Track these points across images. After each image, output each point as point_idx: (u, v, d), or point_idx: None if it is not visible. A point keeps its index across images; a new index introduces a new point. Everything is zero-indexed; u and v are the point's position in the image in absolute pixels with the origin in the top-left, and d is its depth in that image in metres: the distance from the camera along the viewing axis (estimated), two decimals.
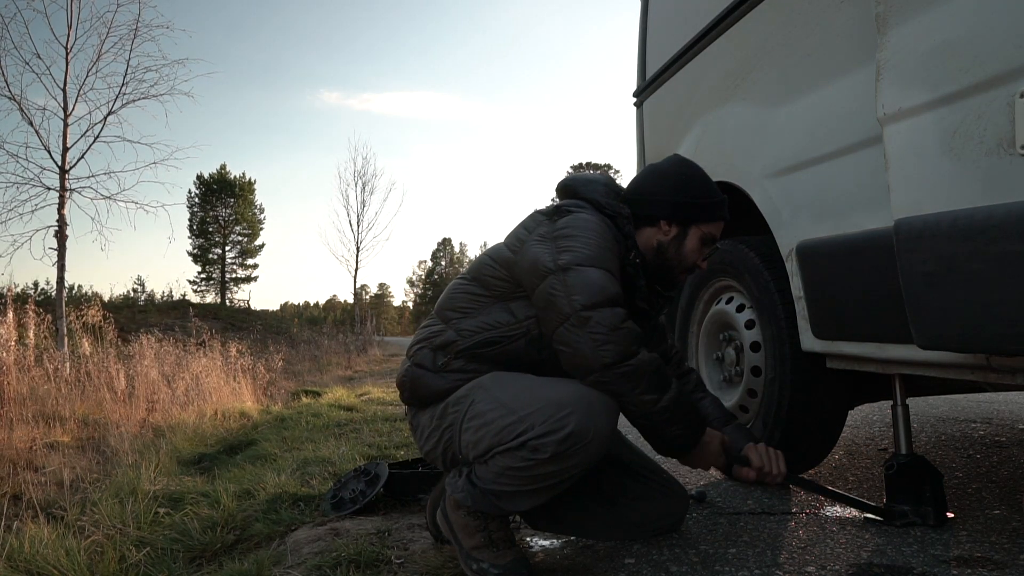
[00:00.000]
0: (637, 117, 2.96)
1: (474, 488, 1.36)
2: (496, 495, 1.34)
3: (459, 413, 1.40)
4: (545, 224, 1.43)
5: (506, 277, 1.44)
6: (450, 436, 1.42)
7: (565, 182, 1.59)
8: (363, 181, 22.43)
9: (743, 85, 2.03)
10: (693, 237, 1.53)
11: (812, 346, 1.70)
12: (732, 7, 2.06)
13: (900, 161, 1.24)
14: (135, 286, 34.93)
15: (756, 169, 1.90)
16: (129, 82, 8.42)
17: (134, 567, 1.90)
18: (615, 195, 1.54)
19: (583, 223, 1.41)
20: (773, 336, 1.87)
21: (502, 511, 1.37)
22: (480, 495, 1.35)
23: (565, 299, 1.32)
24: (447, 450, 1.44)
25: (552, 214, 1.46)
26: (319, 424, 4.33)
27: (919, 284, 1.18)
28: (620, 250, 1.45)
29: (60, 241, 7.83)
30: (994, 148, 1.06)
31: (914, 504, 1.56)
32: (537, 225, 1.45)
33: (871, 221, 1.46)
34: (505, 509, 1.37)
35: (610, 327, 1.30)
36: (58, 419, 4.69)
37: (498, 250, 1.49)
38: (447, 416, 1.43)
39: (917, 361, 1.41)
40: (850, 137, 1.53)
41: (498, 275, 1.45)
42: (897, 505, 1.58)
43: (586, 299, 1.31)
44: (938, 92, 1.16)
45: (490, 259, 1.48)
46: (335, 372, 11.52)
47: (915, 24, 1.22)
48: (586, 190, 1.53)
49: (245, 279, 41.48)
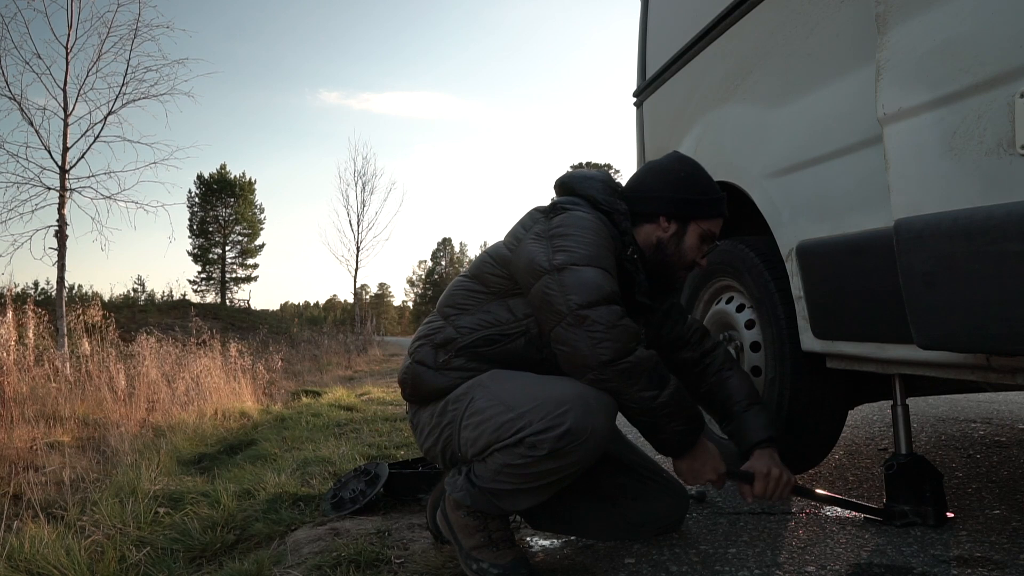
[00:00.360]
0: (637, 117, 2.96)
1: (473, 487, 1.36)
2: (495, 494, 1.34)
3: (459, 410, 1.40)
4: (541, 222, 1.44)
5: (504, 275, 1.44)
6: (449, 434, 1.42)
7: (563, 179, 1.59)
8: (363, 181, 22.40)
9: (743, 85, 2.03)
10: (692, 234, 1.54)
11: (812, 346, 1.70)
12: (731, 7, 2.06)
13: (900, 161, 1.24)
14: (135, 286, 34.82)
15: (756, 169, 1.90)
16: (129, 82, 8.44)
17: (134, 567, 1.90)
18: (612, 192, 1.54)
19: (578, 221, 1.40)
20: (773, 336, 1.87)
21: (501, 510, 1.37)
22: (479, 494, 1.36)
23: (561, 298, 1.32)
24: (447, 448, 1.44)
25: (548, 212, 1.46)
26: (319, 424, 4.33)
27: (919, 284, 1.18)
28: (617, 246, 1.45)
29: (60, 241, 7.84)
30: (994, 148, 1.06)
31: (914, 504, 1.56)
32: (534, 223, 1.45)
33: (871, 221, 1.46)
34: (504, 508, 1.37)
35: (607, 324, 1.30)
36: (58, 419, 4.69)
37: (497, 248, 1.49)
38: (447, 413, 1.43)
39: (917, 361, 1.41)
40: (850, 137, 1.52)
41: (496, 272, 1.45)
42: (897, 505, 1.58)
43: (582, 298, 1.31)
44: (938, 92, 1.16)
45: (489, 257, 1.48)
46: (335, 372, 11.51)
47: (915, 24, 1.22)
48: (583, 187, 1.53)
49: (245, 279, 41.50)
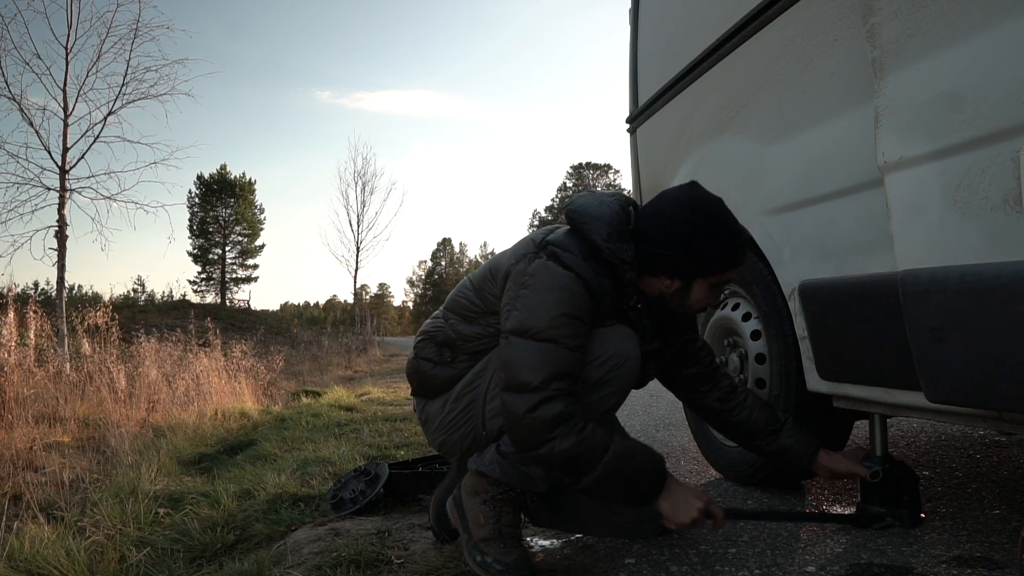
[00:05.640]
0: (631, 143, 2.89)
1: (504, 458, 1.36)
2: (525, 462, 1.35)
3: (480, 387, 1.42)
4: (523, 261, 1.38)
5: (498, 295, 1.44)
6: (471, 415, 1.43)
7: (572, 208, 1.43)
8: (363, 181, 22.45)
9: (737, 118, 1.99)
10: (699, 288, 1.43)
11: (818, 387, 1.66)
12: (725, 38, 2.02)
13: (903, 212, 1.20)
14: (135, 286, 34.88)
15: (755, 205, 1.85)
16: (129, 82, 8.43)
17: (134, 567, 1.90)
18: (620, 235, 1.38)
19: (550, 280, 1.32)
20: (780, 352, 1.83)
21: (529, 482, 1.37)
22: (508, 466, 1.36)
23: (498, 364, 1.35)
24: (466, 435, 1.45)
25: (534, 252, 1.39)
26: (319, 424, 4.33)
27: (927, 339, 1.15)
28: (617, 297, 1.40)
29: (60, 241, 7.84)
30: (1000, 204, 1.02)
31: (891, 507, 1.57)
32: (519, 259, 1.40)
33: (875, 264, 1.42)
34: (533, 479, 1.37)
35: (515, 416, 1.27)
36: (58, 419, 4.69)
37: (497, 264, 1.47)
38: (464, 397, 1.44)
39: (927, 408, 1.38)
40: (852, 178, 1.48)
41: (493, 292, 1.45)
42: (873, 508, 1.58)
43: (506, 376, 1.30)
44: (939, 143, 1.12)
45: (489, 273, 1.47)
46: (335, 372, 11.52)
47: (913, 72, 1.18)
48: (588, 228, 1.38)
49: (245, 279, 41.50)
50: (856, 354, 1.51)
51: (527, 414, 1.26)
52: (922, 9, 1.16)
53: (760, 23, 1.83)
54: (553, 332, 1.29)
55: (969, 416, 1.32)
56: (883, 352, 1.41)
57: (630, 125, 2.88)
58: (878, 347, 1.42)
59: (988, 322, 1.05)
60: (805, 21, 1.65)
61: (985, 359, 1.07)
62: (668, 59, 2.47)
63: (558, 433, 1.26)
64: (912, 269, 1.17)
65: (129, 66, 8.43)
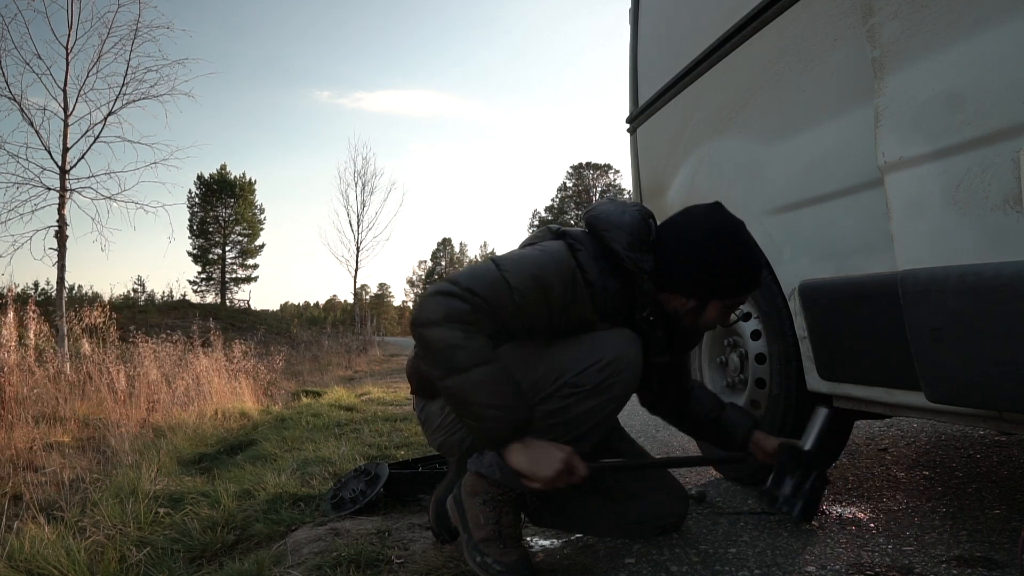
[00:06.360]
0: (631, 143, 2.89)
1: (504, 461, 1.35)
2: None
3: None
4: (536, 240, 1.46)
5: None
6: None
7: (594, 215, 1.44)
8: (363, 181, 22.53)
9: (738, 118, 1.99)
10: (713, 308, 1.44)
11: (818, 387, 1.66)
12: (725, 38, 2.01)
13: (903, 212, 1.20)
14: (135, 286, 34.88)
15: (755, 205, 1.85)
16: (129, 82, 8.46)
17: (134, 567, 1.90)
18: (641, 245, 1.39)
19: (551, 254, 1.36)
20: (780, 352, 1.83)
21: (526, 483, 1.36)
22: (509, 468, 1.32)
23: None
24: (466, 436, 1.45)
25: (553, 236, 1.46)
26: (319, 424, 4.34)
27: (927, 339, 1.15)
28: (624, 307, 1.40)
29: (60, 241, 7.84)
30: (1000, 204, 1.02)
31: (791, 493, 1.60)
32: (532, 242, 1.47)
33: (875, 264, 1.42)
34: None
35: (428, 294, 1.28)
36: (58, 419, 4.69)
37: None
38: None
39: (928, 408, 1.38)
40: (851, 178, 1.49)
41: None
42: (776, 490, 1.62)
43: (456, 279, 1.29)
44: (939, 143, 1.12)
45: None
46: (335, 372, 11.53)
47: (913, 72, 1.18)
48: (609, 236, 1.39)
49: (245, 279, 41.53)
50: (856, 354, 1.51)
51: (437, 295, 1.26)
52: (922, 9, 1.16)
53: (760, 23, 1.83)
54: (515, 279, 1.29)
55: (969, 416, 1.32)
56: (883, 352, 1.41)
57: (630, 125, 2.87)
58: (878, 347, 1.42)
59: (988, 322, 1.05)
60: (805, 21, 1.65)
61: (985, 359, 1.07)
62: (668, 59, 2.47)
63: (450, 323, 1.24)
64: (912, 269, 1.17)
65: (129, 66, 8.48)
